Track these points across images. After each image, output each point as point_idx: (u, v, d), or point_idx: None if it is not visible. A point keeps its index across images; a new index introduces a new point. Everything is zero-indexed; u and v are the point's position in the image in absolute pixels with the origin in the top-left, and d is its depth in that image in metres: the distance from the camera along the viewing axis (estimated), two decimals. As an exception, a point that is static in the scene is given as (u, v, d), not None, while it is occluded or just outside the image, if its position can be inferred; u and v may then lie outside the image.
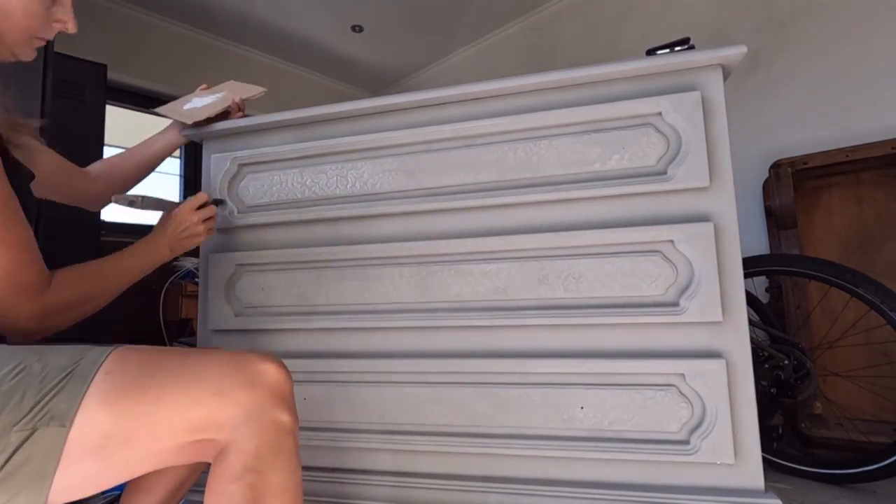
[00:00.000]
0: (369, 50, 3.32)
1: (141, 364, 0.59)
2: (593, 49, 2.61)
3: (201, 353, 0.64)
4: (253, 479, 0.57)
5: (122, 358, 0.58)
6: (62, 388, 0.54)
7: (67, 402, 0.53)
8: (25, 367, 0.55)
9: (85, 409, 0.53)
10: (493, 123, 1.00)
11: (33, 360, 0.56)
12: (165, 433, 0.57)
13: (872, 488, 1.22)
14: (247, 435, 0.58)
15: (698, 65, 0.92)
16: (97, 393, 0.54)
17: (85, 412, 0.53)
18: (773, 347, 1.28)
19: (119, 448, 0.55)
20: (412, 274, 1.04)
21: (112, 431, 0.54)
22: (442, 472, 1.00)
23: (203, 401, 0.58)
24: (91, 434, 0.53)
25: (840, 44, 1.80)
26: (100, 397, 0.54)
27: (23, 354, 0.57)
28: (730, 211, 0.89)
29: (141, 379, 0.57)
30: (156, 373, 0.59)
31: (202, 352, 0.64)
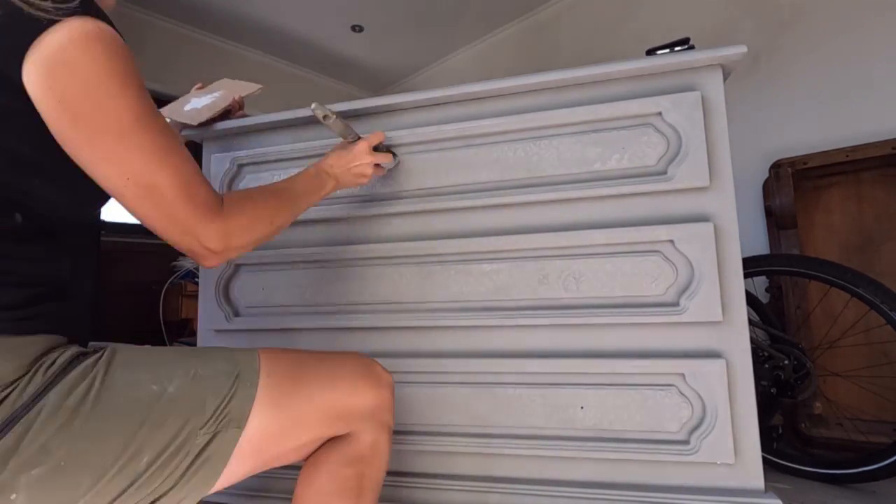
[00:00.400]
0: (369, 50, 3.32)
1: (292, 366, 0.63)
2: (593, 49, 2.61)
3: (335, 355, 0.71)
4: (363, 468, 0.65)
5: (273, 360, 0.62)
6: (235, 392, 0.56)
7: (242, 405, 0.56)
8: (197, 373, 0.57)
9: (256, 411, 0.57)
10: (493, 123, 1.00)
11: (198, 365, 0.57)
12: (312, 428, 0.62)
13: (872, 488, 1.22)
14: (367, 429, 0.66)
15: (698, 65, 0.92)
16: (264, 396, 0.58)
17: (256, 414, 0.57)
18: (773, 347, 1.28)
19: (276, 444, 0.60)
20: (412, 274, 1.04)
21: (274, 430, 0.59)
22: (442, 472, 1.00)
23: (342, 398, 0.65)
24: (256, 433, 0.57)
25: (840, 44, 1.80)
26: (267, 400, 0.58)
27: (185, 360, 0.58)
28: (730, 211, 0.89)
29: (296, 380, 0.62)
30: (305, 374, 0.64)
31: (335, 354, 0.72)
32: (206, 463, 0.54)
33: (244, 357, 0.61)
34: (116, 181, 0.55)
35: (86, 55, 0.52)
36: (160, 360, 0.57)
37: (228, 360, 0.59)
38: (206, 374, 0.57)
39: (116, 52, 0.54)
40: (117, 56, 0.54)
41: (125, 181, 0.55)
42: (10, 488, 0.45)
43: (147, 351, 0.59)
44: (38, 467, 0.46)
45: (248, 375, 0.58)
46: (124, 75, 0.54)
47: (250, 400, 0.57)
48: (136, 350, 0.58)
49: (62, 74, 0.51)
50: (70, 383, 0.50)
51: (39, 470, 0.46)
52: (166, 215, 0.57)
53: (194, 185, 0.59)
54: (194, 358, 0.59)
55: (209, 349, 0.62)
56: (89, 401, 0.50)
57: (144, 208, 0.57)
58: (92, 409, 0.50)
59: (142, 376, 0.54)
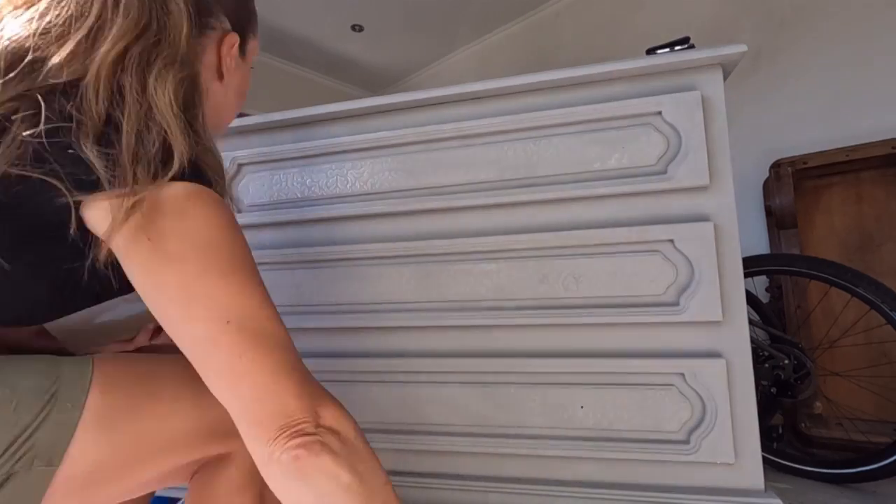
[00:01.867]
0: (369, 50, 3.32)
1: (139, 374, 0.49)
2: (593, 49, 2.61)
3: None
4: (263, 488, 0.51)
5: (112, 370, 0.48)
6: (45, 416, 0.42)
7: (55, 434, 0.42)
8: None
9: (80, 439, 0.43)
10: (493, 123, 1.00)
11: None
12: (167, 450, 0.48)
13: (872, 488, 1.22)
14: None
15: (698, 64, 0.92)
16: (93, 419, 0.44)
17: (79, 443, 0.43)
18: (773, 347, 1.28)
19: (110, 480, 0.46)
20: (412, 273, 1.04)
21: (108, 462, 0.45)
22: (442, 472, 1.00)
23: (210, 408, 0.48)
24: (80, 469, 0.43)
25: (840, 44, 1.80)
26: (96, 423, 0.44)
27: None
28: (730, 211, 0.89)
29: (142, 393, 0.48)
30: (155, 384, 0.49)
31: None
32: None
33: (70, 369, 0.45)
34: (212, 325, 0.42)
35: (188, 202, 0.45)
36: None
37: (45, 374, 0.44)
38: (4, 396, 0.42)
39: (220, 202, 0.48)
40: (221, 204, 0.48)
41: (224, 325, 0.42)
42: None
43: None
44: None
45: (69, 393, 0.44)
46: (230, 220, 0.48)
47: (70, 427, 0.43)
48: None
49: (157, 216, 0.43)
50: None
51: None
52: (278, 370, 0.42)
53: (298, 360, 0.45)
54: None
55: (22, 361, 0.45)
56: None
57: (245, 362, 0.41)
58: None
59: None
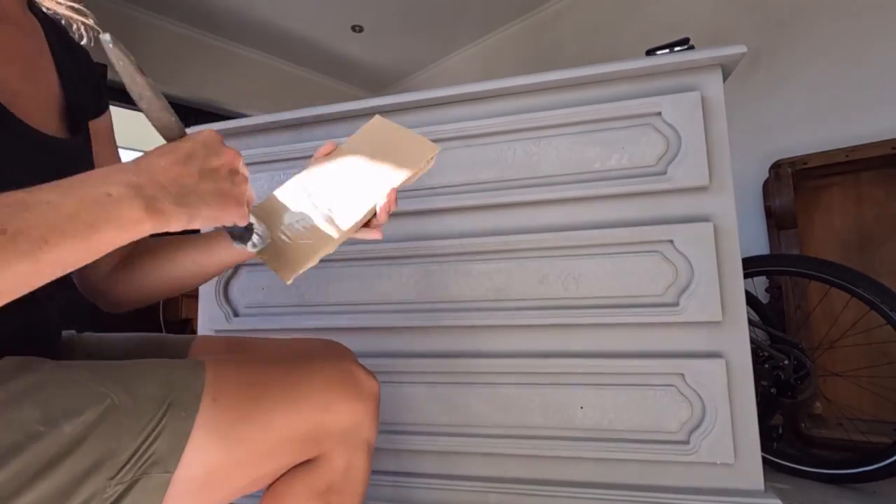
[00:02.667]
0: (369, 50, 3.32)
1: (246, 384, 0.51)
2: (593, 49, 2.61)
3: (305, 363, 0.58)
4: (332, 498, 0.55)
5: (221, 378, 0.50)
6: (164, 425, 0.44)
7: (172, 442, 0.44)
8: (111, 403, 0.43)
9: (193, 447, 0.45)
10: (493, 123, 1.00)
11: (117, 391, 0.44)
12: (272, 458, 0.52)
13: (872, 488, 1.22)
14: (339, 452, 0.56)
15: (698, 65, 0.92)
16: (206, 426, 0.46)
17: (193, 450, 0.45)
18: (773, 347, 1.28)
19: (224, 482, 0.49)
20: (412, 273, 1.05)
21: (220, 466, 0.47)
22: (442, 472, 1.00)
23: (312, 417, 0.53)
24: (197, 473, 0.46)
25: (840, 44, 1.80)
26: (211, 430, 0.46)
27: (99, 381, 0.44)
28: (729, 211, 0.89)
29: (250, 402, 0.50)
30: (264, 393, 0.52)
31: (305, 362, 0.58)
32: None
33: (184, 377, 0.48)
34: None
35: None
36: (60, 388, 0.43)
37: (161, 383, 0.46)
38: (125, 404, 0.43)
39: None
40: None
41: None
42: None
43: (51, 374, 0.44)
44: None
45: (185, 401, 0.46)
46: None
47: (185, 435, 0.45)
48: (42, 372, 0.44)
49: None
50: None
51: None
52: None
53: None
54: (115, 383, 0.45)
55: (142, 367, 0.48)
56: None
57: None
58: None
59: (28, 414, 0.40)
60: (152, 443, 0.43)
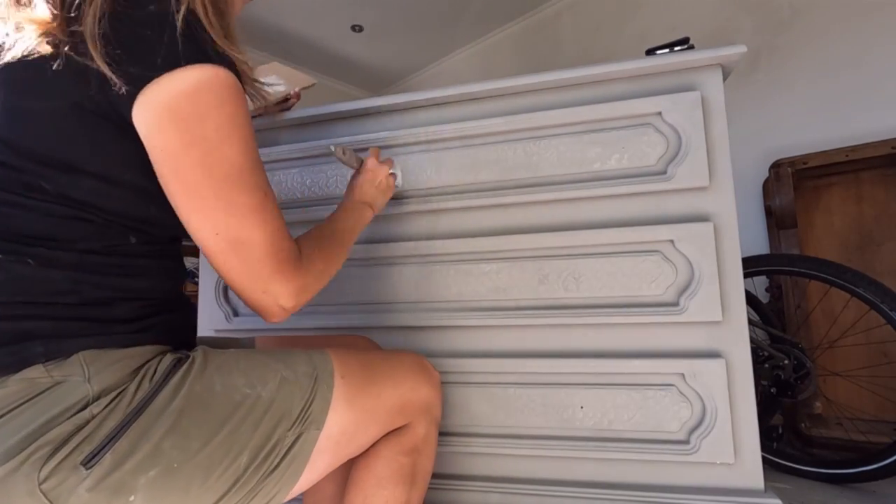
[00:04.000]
0: (369, 50, 3.32)
1: (361, 366, 0.67)
2: (593, 49, 2.61)
3: (393, 354, 0.76)
4: (417, 458, 0.71)
5: (344, 361, 0.65)
6: (315, 393, 0.60)
7: (321, 406, 0.60)
8: (283, 377, 0.59)
9: (333, 410, 0.60)
10: (493, 123, 1.00)
11: (283, 369, 0.60)
12: (380, 422, 0.67)
13: (872, 488, 1.22)
14: (421, 422, 0.72)
15: (698, 65, 0.92)
16: (340, 396, 0.61)
17: (333, 412, 0.60)
18: (773, 347, 1.28)
19: (349, 441, 0.63)
20: (412, 273, 1.05)
21: (349, 426, 0.62)
22: (442, 472, 1.00)
23: (406, 393, 0.70)
24: (334, 430, 0.60)
25: (840, 44, 1.80)
26: (342, 399, 0.62)
27: (271, 363, 0.60)
28: (729, 211, 0.89)
29: (366, 379, 0.66)
30: (373, 373, 0.68)
31: (393, 354, 0.77)
32: (293, 461, 0.57)
33: (320, 359, 0.64)
34: (206, 234, 0.54)
35: (194, 108, 0.51)
36: (250, 365, 0.59)
37: (307, 363, 0.62)
38: (291, 377, 0.60)
39: (225, 103, 0.53)
40: (226, 107, 0.53)
41: (214, 236, 0.54)
42: (129, 489, 0.47)
43: (236, 356, 0.60)
44: (154, 468, 0.48)
45: (325, 377, 0.62)
46: (230, 129, 0.53)
47: (328, 401, 0.60)
48: (225, 354, 0.60)
49: (167, 125, 0.50)
50: (173, 388, 0.52)
51: (155, 471, 0.48)
52: (250, 272, 0.56)
53: (281, 241, 0.58)
54: (279, 362, 0.61)
55: (288, 352, 0.64)
56: (194, 404, 0.52)
57: (229, 263, 0.56)
58: (197, 411, 0.52)
59: (237, 381, 0.56)
60: (310, 405, 0.59)
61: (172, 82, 0.50)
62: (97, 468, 0.46)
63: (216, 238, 0.54)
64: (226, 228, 0.54)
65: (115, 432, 0.48)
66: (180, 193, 0.53)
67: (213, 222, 0.54)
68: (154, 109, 0.50)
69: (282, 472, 0.56)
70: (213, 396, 0.54)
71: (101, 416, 0.48)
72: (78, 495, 0.45)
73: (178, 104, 0.50)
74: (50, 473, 0.44)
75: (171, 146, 0.51)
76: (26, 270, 0.49)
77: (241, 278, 0.57)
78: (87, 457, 0.46)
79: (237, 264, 0.56)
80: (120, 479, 0.46)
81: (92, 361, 0.49)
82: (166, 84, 0.50)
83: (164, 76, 0.49)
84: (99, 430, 0.47)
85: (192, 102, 0.51)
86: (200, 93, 0.51)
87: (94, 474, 0.46)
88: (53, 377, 0.47)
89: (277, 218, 0.58)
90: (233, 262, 0.56)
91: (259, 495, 0.55)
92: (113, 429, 0.48)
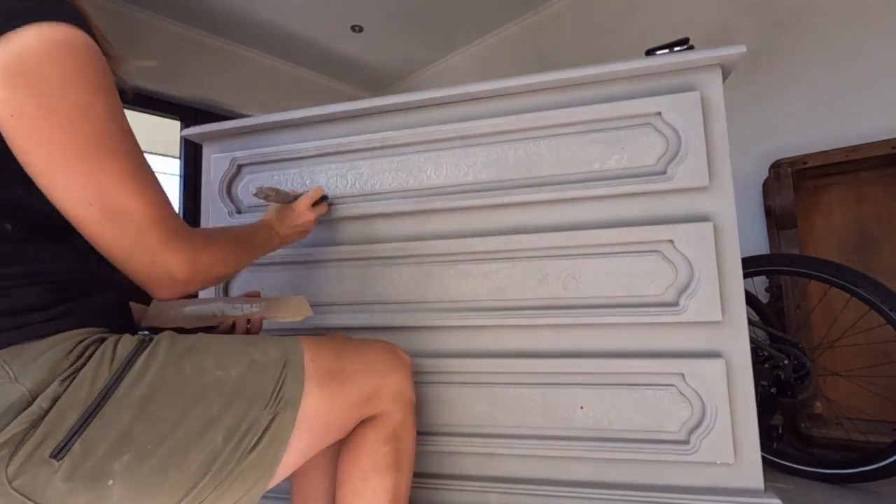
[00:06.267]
0: (369, 50, 3.32)
1: (331, 352, 0.68)
2: (593, 49, 2.61)
3: (362, 342, 0.77)
4: (398, 444, 0.72)
5: (314, 347, 0.66)
6: (286, 376, 0.60)
7: (294, 388, 0.60)
8: (253, 360, 0.60)
9: (307, 394, 0.61)
10: (493, 123, 1.00)
11: (253, 352, 0.61)
12: (351, 407, 0.67)
13: (872, 488, 1.22)
14: (397, 408, 0.73)
15: (697, 65, 0.92)
16: (311, 378, 0.62)
17: (307, 396, 0.61)
18: (773, 347, 1.28)
19: (325, 425, 0.64)
20: (412, 273, 1.05)
21: (321, 410, 0.63)
22: (442, 472, 1.00)
23: (375, 379, 0.71)
24: (309, 412, 0.61)
25: (840, 44, 1.80)
26: (314, 381, 0.62)
27: (241, 347, 0.61)
28: (729, 211, 0.89)
29: (336, 364, 0.67)
30: (344, 358, 0.69)
31: (362, 341, 0.77)
32: (271, 442, 0.57)
33: (291, 343, 0.65)
34: (76, 205, 0.50)
35: (50, 67, 0.47)
36: (219, 349, 0.60)
37: (278, 347, 0.63)
38: (261, 360, 0.60)
39: (86, 64, 0.49)
40: (87, 67, 0.49)
41: (86, 206, 0.50)
42: (106, 475, 0.47)
43: (205, 340, 0.60)
44: (127, 453, 0.48)
45: (297, 360, 0.62)
46: (94, 90, 0.50)
47: (300, 381, 0.61)
48: (194, 338, 0.60)
49: (20, 86, 0.46)
50: (137, 372, 0.52)
51: (129, 456, 0.48)
52: (134, 242, 0.53)
53: (165, 210, 0.55)
54: (249, 346, 0.62)
55: (259, 338, 0.66)
56: (163, 388, 0.52)
57: (107, 234, 0.52)
58: (166, 395, 0.52)
59: (207, 363, 0.56)
60: (282, 387, 0.59)
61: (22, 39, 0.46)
62: (68, 458, 0.46)
63: (88, 208, 0.50)
64: (99, 196, 0.50)
65: (80, 421, 0.47)
66: (39, 163, 0.49)
67: (83, 191, 0.50)
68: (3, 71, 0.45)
69: (262, 452, 0.56)
70: (182, 380, 0.54)
71: (59, 407, 0.47)
72: (54, 487, 0.45)
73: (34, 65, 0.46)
74: (18, 471, 0.44)
75: (25, 110, 0.46)
76: None
77: (122, 251, 0.54)
78: (54, 449, 0.45)
79: (117, 235, 0.52)
80: (94, 465, 0.46)
81: (12, 360, 0.47)
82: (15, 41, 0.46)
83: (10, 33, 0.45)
84: (62, 422, 0.46)
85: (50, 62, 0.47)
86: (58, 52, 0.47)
87: (67, 464, 0.45)
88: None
89: (158, 189, 0.56)
90: (111, 234, 0.52)
91: (241, 478, 0.54)
92: (77, 419, 0.47)
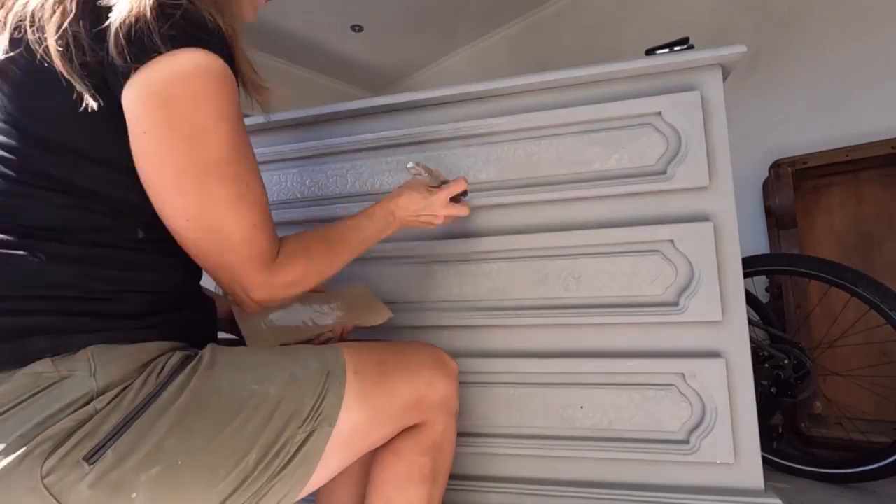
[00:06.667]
0: (369, 50, 3.32)
1: (374, 362, 0.66)
2: (593, 49, 2.61)
3: (408, 347, 0.74)
4: (436, 455, 0.70)
5: (356, 357, 0.64)
6: (327, 391, 0.59)
7: (333, 403, 0.59)
8: (293, 373, 0.58)
9: (345, 407, 0.60)
10: (493, 123, 1.00)
11: (292, 365, 0.60)
12: (394, 419, 0.66)
13: (872, 488, 1.22)
14: (439, 418, 0.71)
15: (698, 64, 0.92)
16: (352, 392, 0.61)
17: (345, 409, 0.59)
18: (773, 347, 1.28)
19: (363, 437, 0.62)
20: (412, 273, 1.04)
21: (362, 423, 0.61)
22: (442, 472, 1.00)
23: (420, 389, 0.69)
24: (346, 427, 0.59)
25: (840, 44, 1.80)
26: (355, 396, 0.61)
27: (281, 360, 0.60)
28: (729, 210, 0.89)
29: (379, 375, 0.65)
30: (386, 369, 0.67)
31: (408, 346, 0.75)
32: (304, 460, 0.56)
33: (331, 355, 0.63)
34: (178, 219, 0.54)
35: (183, 90, 0.50)
36: (259, 362, 0.59)
37: (319, 359, 0.62)
38: (301, 374, 0.59)
39: (217, 90, 0.52)
40: (216, 94, 0.52)
41: (184, 221, 0.54)
42: (130, 486, 0.47)
43: (245, 352, 0.60)
44: (156, 466, 0.48)
45: (338, 374, 0.61)
46: (218, 116, 0.52)
47: (340, 398, 0.59)
48: (235, 352, 0.59)
49: (153, 107, 0.50)
50: (179, 385, 0.52)
51: (157, 469, 0.48)
52: (221, 260, 0.56)
53: (257, 234, 0.57)
54: (288, 358, 0.61)
55: (299, 349, 0.65)
56: (199, 402, 0.52)
57: (200, 248, 0.56)
58: (202, 409, 0.52)
59: (245, 377, 0.56)
60: (321, 402, 0.58)
61: (166, 63, 0.49)
62: (99, 464, 0.46)
63: (186, 223, 0.54)
64: (198, 216, 0.53)
65: (117, 428, 0.47)
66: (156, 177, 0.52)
67: (186, 210, 0.53)
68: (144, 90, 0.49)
69: (293, 470, 0.55)
70: (219, 393, 0.53)
71: (105, 411, 0.48)
72: (79, 491, 0.45)
73: (169, 87, 0.50)
74: (52, 468, 0.44)
75: (154, 128, 0.50)
76: (31, 265, 0.49)
77: (210, 263, 0.57)
78: (89, 452, 0.46)
79: (208, 250, 0.56)
80: (121, 476, 0.46)
81: (99, 356, 0.49)
82: (160, 66, 0.49)
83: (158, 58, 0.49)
84: (102, 426, 0.47)
85: (185, 86, 0.50)
86: (194, 77, 0.50)
87: (96, 470, 0.45)
88: (60, 371, 0.47)
89: (258, 214, 0.57)
90: (203, 248, 0.56)
91: (269, 494, 0.54)
92: (116, 425, 0.47)
